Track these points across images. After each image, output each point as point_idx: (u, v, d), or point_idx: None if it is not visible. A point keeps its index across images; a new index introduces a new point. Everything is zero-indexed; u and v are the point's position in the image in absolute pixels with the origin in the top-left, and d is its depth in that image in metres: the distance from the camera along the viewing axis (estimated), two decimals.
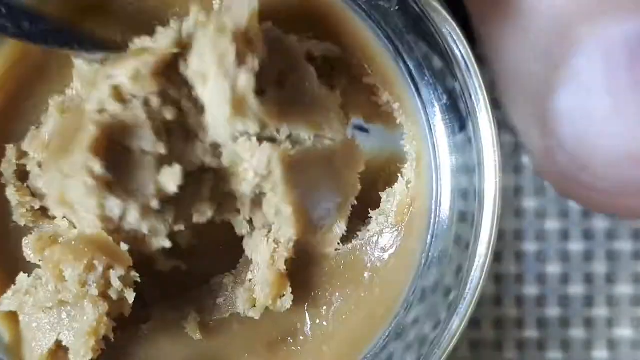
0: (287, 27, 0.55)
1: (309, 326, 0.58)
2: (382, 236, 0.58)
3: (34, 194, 0.57)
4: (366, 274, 0.58)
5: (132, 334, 0.58)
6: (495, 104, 0.54)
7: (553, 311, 0.73)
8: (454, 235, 0.56)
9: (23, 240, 0.55)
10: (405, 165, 0.58)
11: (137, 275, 0.54)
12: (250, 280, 0.58)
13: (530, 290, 0.73)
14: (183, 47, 0.51)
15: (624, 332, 0.74)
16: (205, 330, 0.58)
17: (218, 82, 0.49)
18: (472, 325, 0.73)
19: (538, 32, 0.52)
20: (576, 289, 0.73)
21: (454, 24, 0.50)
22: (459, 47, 0.50)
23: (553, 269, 0.73)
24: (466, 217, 0.54)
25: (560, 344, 0.74)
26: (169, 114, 0.51)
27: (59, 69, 0.56)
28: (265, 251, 0.56)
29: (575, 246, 0.73)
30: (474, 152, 0.52)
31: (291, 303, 0.56)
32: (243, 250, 0.59)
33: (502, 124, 0.70)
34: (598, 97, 0.51)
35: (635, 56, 0.50)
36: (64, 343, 0.54)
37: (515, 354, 0.73)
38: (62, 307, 0.54)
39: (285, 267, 0.56)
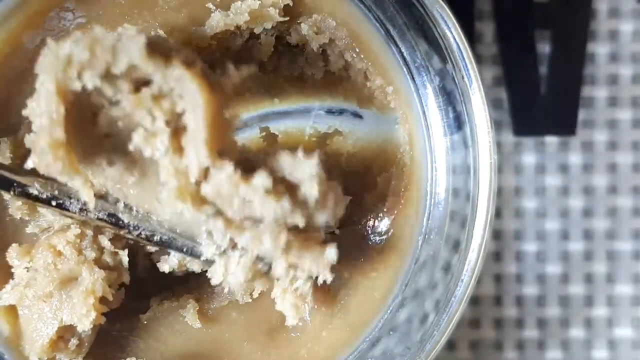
0: None
1: (307, 312, 0.58)
2: (379, 220, 0.58)
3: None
4: (363, 258, 0.58)
5: (131, 324, 0.58)
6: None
7: (553, 311, 0.73)
8: (450, 214, 0.56)
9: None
10: (400, 149, 0.58)
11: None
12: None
13: (530, 290, 0.73)
14: None
15: (624, 332, 0.74)
16: (204, 319, 0.58)
17: None
18: (472, 325, 0.73)
19: None
20: (576, 289, 0.73)
21: (445, 6, 0.51)
22: (451, 28, 0.51)
23: (553, 269, 0.73)
24: (460, 195, 0.54)
25: (560, 344, 0.73)
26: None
27: None
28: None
29: (575, 246, 0.73)
30: (468, 133, 0.53)
31: None
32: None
33: (500, 123, 0.71)
34: None
35: None
36: (66, 322, 0.55)
37: (515, 354, 0.73)
38: (62, 290, 0.55)
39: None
